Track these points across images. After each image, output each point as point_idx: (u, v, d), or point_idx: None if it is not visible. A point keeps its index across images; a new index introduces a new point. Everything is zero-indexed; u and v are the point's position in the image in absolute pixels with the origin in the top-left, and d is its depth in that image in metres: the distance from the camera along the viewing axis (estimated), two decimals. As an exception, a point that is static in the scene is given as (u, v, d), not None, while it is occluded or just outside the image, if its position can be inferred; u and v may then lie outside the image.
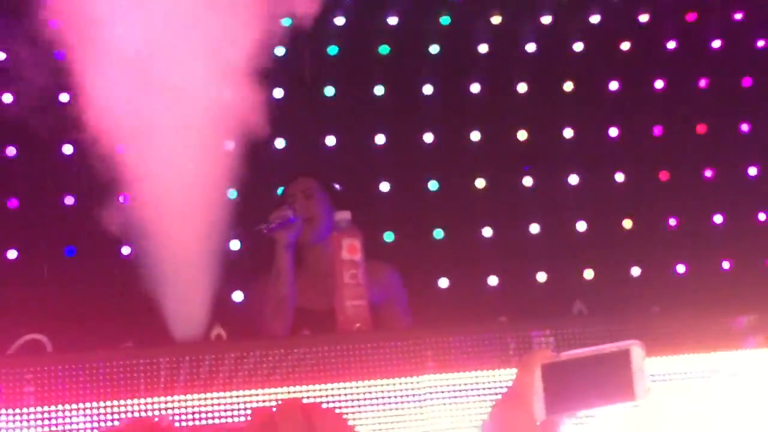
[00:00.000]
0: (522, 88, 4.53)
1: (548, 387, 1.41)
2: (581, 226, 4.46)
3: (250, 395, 2.15)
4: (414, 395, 2.20)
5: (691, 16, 4.64)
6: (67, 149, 3.92)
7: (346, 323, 2.51)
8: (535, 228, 4.44)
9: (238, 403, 2.13)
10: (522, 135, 4.51)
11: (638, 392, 1.39)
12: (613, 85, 4.61)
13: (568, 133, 4.56)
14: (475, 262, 4.33)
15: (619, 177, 4.55)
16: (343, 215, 2.53)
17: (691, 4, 4.64)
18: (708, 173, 4.63)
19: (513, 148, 4.50)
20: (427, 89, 4.44)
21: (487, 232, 4.40)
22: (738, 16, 4.67)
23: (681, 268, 4.47)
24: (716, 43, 4.64)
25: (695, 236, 4.51)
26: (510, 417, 1.41)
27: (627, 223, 4.51)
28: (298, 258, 3.50)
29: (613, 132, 4.59)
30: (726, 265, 4.47)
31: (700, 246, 4.49)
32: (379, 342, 2.30)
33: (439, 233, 4.35)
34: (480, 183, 4.44)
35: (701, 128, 4.60)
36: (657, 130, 4.60)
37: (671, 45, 4.65)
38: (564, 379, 1.41)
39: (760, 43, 4.70)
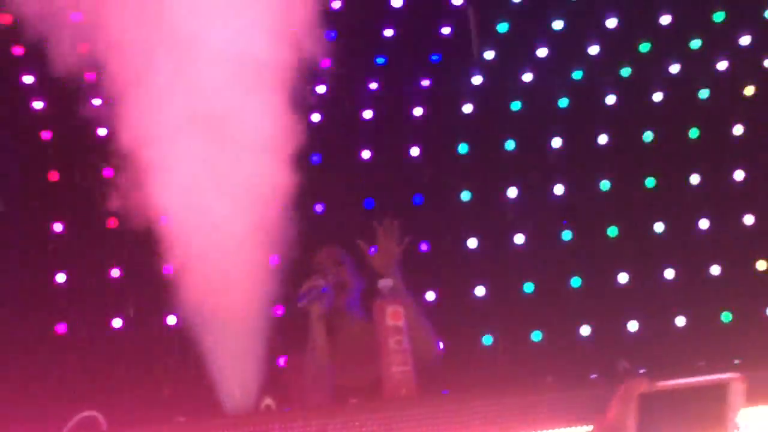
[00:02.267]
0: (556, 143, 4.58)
1: (643, 415, 1.41)
2: (623, 277, 4.47)
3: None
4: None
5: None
6: (112, 222, 4.00)
7: (392, 390, 2.54)
8: (576, 281, 4.45)
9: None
10: (558, 189, 4.54)
11: (731, 425, 1.38)
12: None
13: (605, 185, 4.58)
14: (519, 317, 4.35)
15: (658, 227, 4.56)
16: (386, 282, 2.57)
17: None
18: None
19: (550, 202, 4.52)
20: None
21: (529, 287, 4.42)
22: None
23: (727, 316, 4.46)
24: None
25: (738, 284, 4.50)
26: None
27: (669, 273, 4.51)
28: (329, 327, 3.48)
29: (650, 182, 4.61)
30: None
31: (743, 293, 4.48)
32: (426, 407, 2.32)
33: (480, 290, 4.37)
34: (519, 239, 4.46)
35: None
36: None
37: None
38: (659, 408, 1.40)
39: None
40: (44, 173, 4.00)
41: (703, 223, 4.57)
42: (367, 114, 4.41)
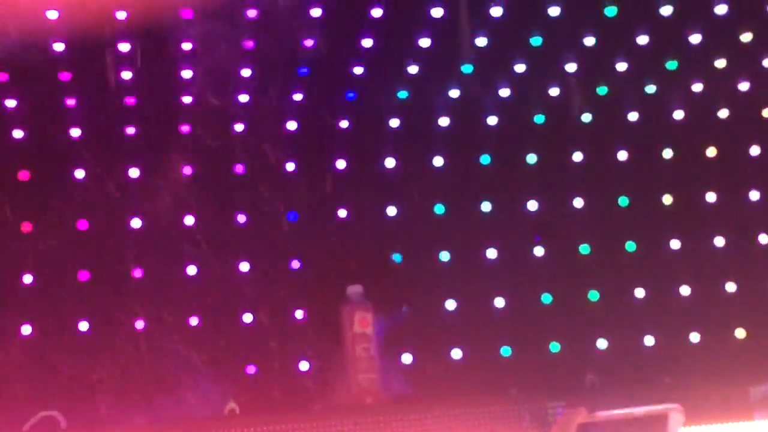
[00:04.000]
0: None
1: None
2: (593, 295, 4.48)
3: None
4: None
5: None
6: (82, 225, 3.97)
7: (359, 396, 2.52)
8: (547, 297, 4.45)
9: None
10: (532, 205, 4.55)
11: None
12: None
13: (578, 203, 4.59)
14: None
15: (630, 246, 4.58)
16: (355, 289, 2.56)
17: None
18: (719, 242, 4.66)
19: (524, 218, 4.53)
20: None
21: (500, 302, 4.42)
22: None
23: (695, 337, 4.47)
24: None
25: (708, 305, 4.53)
26: None
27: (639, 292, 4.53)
28: None
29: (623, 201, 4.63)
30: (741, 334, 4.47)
31: (712, 315, 4.50)
32: (390, 415, 2.31)
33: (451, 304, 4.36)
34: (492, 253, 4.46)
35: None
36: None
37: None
38: None
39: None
40: (14, 172, 3.96)
41: (675, 244, 4.60)
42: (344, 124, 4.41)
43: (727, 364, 3.95)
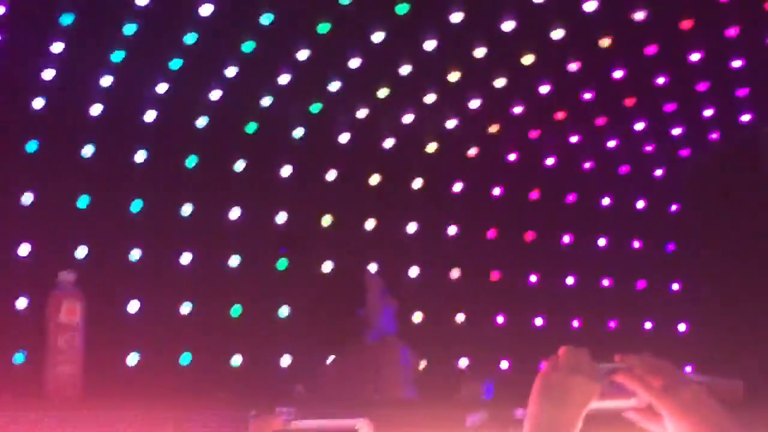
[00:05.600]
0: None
1: None
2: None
3: None
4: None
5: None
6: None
7: (58, 391, 2.38)
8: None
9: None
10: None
11: None
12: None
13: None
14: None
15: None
16: (66, 276, 2.41)
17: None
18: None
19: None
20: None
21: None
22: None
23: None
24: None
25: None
26: None
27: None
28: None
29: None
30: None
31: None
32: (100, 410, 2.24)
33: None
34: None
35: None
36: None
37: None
38: None
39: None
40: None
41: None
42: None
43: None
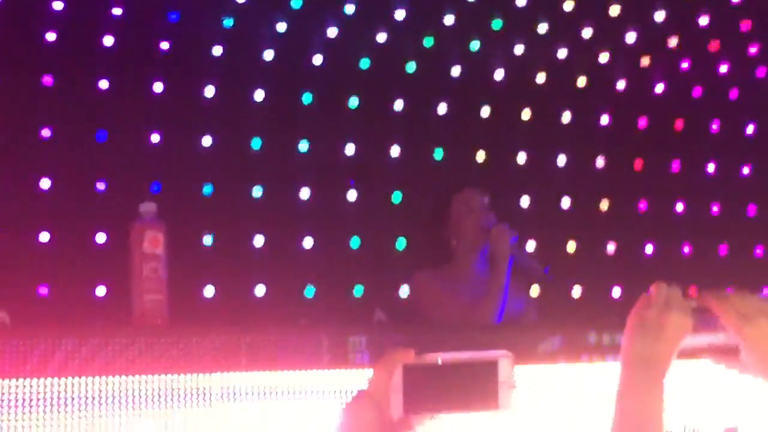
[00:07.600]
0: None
1: (408, 387, 1.38)
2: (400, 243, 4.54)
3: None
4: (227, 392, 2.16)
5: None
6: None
7: (144, 318, 2.45)
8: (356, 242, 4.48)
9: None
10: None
11: (502, 403, 1.39)
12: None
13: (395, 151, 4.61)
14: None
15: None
16: (148, 207, 2.47)
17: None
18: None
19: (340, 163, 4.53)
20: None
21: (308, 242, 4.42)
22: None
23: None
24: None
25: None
26: (363, 416, 1.39)
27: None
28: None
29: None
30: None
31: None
32: (181, 337, 2.26)
33: (259, 240, 4.34)
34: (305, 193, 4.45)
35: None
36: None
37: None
38: (426, 381, 1.38)
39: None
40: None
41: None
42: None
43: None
